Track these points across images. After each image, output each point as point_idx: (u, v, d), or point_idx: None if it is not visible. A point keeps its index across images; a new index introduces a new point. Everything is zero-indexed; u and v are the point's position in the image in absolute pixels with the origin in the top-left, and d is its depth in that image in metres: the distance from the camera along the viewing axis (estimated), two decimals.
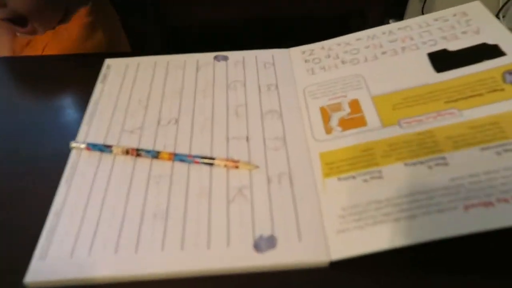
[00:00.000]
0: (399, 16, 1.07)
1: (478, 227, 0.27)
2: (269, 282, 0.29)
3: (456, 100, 0.35)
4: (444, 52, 0.40)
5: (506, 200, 0.28)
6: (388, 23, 0.65)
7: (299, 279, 0.29)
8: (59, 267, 0.29)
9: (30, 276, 0.29)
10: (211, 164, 0.35)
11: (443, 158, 0.32)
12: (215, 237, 0.31)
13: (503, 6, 1.25)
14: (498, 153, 0.31)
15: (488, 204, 0.28)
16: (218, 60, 0.46)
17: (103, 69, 0.46)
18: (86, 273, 0.29)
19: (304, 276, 0.29)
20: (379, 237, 0.29)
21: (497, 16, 1.27)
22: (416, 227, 0.28)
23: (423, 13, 1.04)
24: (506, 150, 0.31)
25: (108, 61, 0.47)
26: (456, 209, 0.28)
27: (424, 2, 1.29)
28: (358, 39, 0.45)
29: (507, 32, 0.39)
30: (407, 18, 0.45)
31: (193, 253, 0.30)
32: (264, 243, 0.30)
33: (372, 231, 0.29)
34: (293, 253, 0.30)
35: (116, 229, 0.31)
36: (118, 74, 0.45)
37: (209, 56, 0.47)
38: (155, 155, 0.36)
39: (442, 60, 0.39)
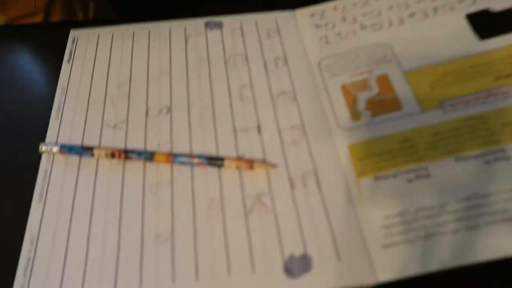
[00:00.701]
0: None
1: None
2: None
3: (508, 76, 0.30)
4: (486, 13, 0.34)
5: None
6: None
7: None
8: None
9: None
10: (219, 166, 0.29)
11: (503, 151, 0.27)
12: (235, 261, 0.26)
13: None
14: None
15: None
16: (211, 28, 0.39)
17: (69, 44, 0.38)
18: None
19: None
20: (435, 254, 0.24)
21: None
22: (479, 240, 0.24)
23: None
24: None
25: (73, 33, 0.39)
26: None
27: None
28: None
29: None
30: None
31: (212, 283, 0.25)
32: (297, 265, 0.25)
33: (425, 246, 0.25)
34: (332, 275, 0.25)
35: (111, 261, 0.26)
36: (87, 50, 0.38)
37: (198, 23, 0.39)
38: (149, 157, 0.30)
39: (485, 24, 0.34)
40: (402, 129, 0.30)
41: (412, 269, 0.24)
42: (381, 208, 0.27)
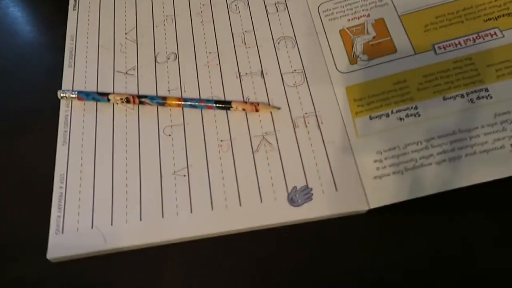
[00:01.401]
0: None
1: None
2: (305, 232, 0.29)
3: (497, 18, 0.33)
4: None
5: None
6: None
7: (336, 227, 0.29)
8: (81, 240, 0.28)
9: (51, 252, 0.28)
10: (227, 109, 0.32)
11: (486, 89, 0.30)
12: (245, 194, 0.29)
13: None
14: None
15: None
16: None
17: None
18: (111, 244, 0.28)
19: (342, 224, 0.29)
20: (421, 182, 0.28)
21: None
22: (460, 169, 0.28)
23: None
24: None
25: None
26: (503, 148, 0.28)
27: None
28: None
29: None
30: None
31: (225, 213, 0.29)
32: (300, 196, 0.29)
33: (412, 176, 0.29)
34: (330, 204, 0.29)
35: (135, 194, 0.29)
36: None
37: None
38: (161, 102, 0.32)
39: None
40: (396, 71, 0.33)
41: (400, 197, 0.28)
42: (374, 144, 0.30)
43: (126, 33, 0.37)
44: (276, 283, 0.27)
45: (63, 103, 0.33)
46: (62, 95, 0.33)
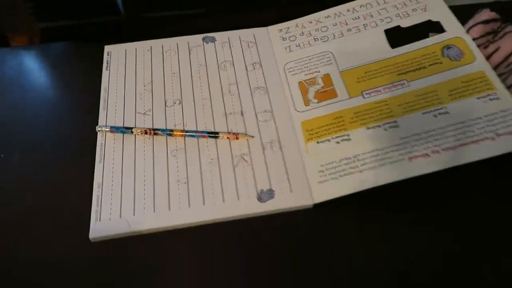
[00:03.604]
0: None
1: (418, 173, 0.41)
2: (270, 223, 0.43)
3: (405, 73, 0.49)
4: (397, 28, 0.52)
5: (437, 152, 0.42)
6: None
7: (293, 219, 0.43)
8: (112, 226, 0.42)
9: (92, 234, 0.42)
10: (216, 137, 0.47)
11: (395, 122, 0.45)
12: (227, 194, 0.44)
13: None
14: (435, 116, 0.45)
15: (425, 156, 0.42)
16: (207, 42, 0.57)
17: (105, 56, 0.56)
18: (134, 228, 0.42)
19: (294, 217, 0.43)
20: (349, 184, 0.43)
21: None
22: (375, 175, 0.42)
23: None
24: (440, 113, 0.45)
25: (107, 48, 0.57)
26: (403, 160, 0.43)
27: None
28: (326, 17, 0.56)
29: (448, 10, 0.52)
30: None
31: (213, 207, 0.43)
32: (265, 196, 0.43)
33: (343, 180, 0.43)
34: (286, 200, 0.43)
35: (150, 194, 0.44)
36: (119, 60, 0.55)
37: (198, 38, 0.57)
38: (169, 133, 0.48)
39: (396, 36, 0.52)
40: (336, 110, 0.48)
41: (335, 195, 0.42)
42: (319, 161, 0.45)
43: (144, 86, 0.53)
44: (255, 259, 0.41)
45: (99, 135, 0.49)
46: (98, 129, 0.49)
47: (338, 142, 0.45)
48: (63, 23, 0.76)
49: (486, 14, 0.49)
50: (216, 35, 0.58)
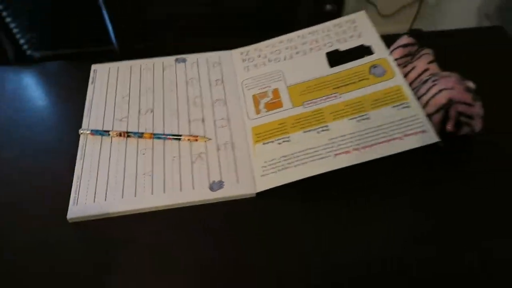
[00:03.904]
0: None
1: (340, 166, 0.50)
2: (219, 209, 0.51)
3: (339, 87, 0.58)
4: (336, 52, 0.63)
5: (357, 149, 0.51)
6: (325, 8, 0.89)
7: (239, 207, 0.51)
8: (87, 208, 0.51)
9: (70, 214, 0.51)
10: (179, 139, 0.57)
11: (327, 126, 0.55)
12: (184, 184, 0.53)
13: None
14: (358, 121, 0.54)
15: (347, 152, 0.51)
16: (179, 62, 0.67)
17: (91, 73, 0.66)
18: (105, 211, 0.51)
19: (240, 204, 0.52)
20: (286, 176, 0.52)
21: None
22: (306, 168, 0.51)
23: None
24: (363, 119, 0.54)
25: (94, 67, 0.67)
26: (329, 156, 0.52)
27: None
28: (280, 42, 0.67)
29: (377, 37, 0.62)
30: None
31: (171, 194, 0.52)
32: (216, 186, 0.52)
33: (281, 173, 0.52)
34: (234, 190, 0.52)
35: (120, 184, 0.53)
36: (103, 76, 0.66)
37: (171, 59, 0.68)
38: (140, 135, 0.57)
39: (335, 58, 0.62)
40: (280, 118, 0.57)
41: (274, 184, 0.51)
42: (263, 158, 0.54)
43: (122, 97, 0.63)
44: (206, 239, 0.49)
45: (82, 137, 0.58)
46: (81, 132, 0.58)
47: (279, 143, 0.55)
48: (62, 52, 0.87)
49: (405, 39, 0.59)
50: (187, 56, 0.68)
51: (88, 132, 0.58)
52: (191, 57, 0.68)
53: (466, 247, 0.47)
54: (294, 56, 0.64)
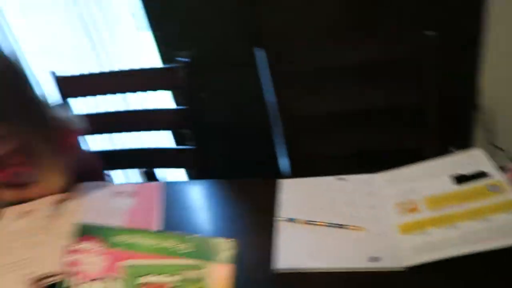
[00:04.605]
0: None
1: (478, 250, 0.71)
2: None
3: (462, 198, 0.81)
4: (463, 175, 0.86)
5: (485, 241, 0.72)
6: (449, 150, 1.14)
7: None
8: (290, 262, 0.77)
9: (275, 265, 0.77)
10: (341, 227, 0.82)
11: (454, 225, 0.76)
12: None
13: None
14: (479, 222, 0.75)
15: (482, 241, 0.72)
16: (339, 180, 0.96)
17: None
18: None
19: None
20: (430, 255, 0.73)
21: None
22: (445, 252, 0.73)
23: None
24: (484, 221, 0.75)
25: (279, 181, 0.99)
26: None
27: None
28: (417, 168, 0.93)
29: (494, 165, 0.85)
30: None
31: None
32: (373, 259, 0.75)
33: (425, 253, 0.74)
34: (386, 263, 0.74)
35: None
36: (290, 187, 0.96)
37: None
38: (315, 223, 0.84)
39: (458, 178, 0.85)
40: (420, 218, 0.81)
41: (422, 260, 0.73)
42: (408, 243, 0.77)
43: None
44: None
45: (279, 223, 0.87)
46: (278, 219, 0.87)
47: (418, 235, 0.77)
48: None
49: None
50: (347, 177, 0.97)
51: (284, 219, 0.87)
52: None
53: None
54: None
